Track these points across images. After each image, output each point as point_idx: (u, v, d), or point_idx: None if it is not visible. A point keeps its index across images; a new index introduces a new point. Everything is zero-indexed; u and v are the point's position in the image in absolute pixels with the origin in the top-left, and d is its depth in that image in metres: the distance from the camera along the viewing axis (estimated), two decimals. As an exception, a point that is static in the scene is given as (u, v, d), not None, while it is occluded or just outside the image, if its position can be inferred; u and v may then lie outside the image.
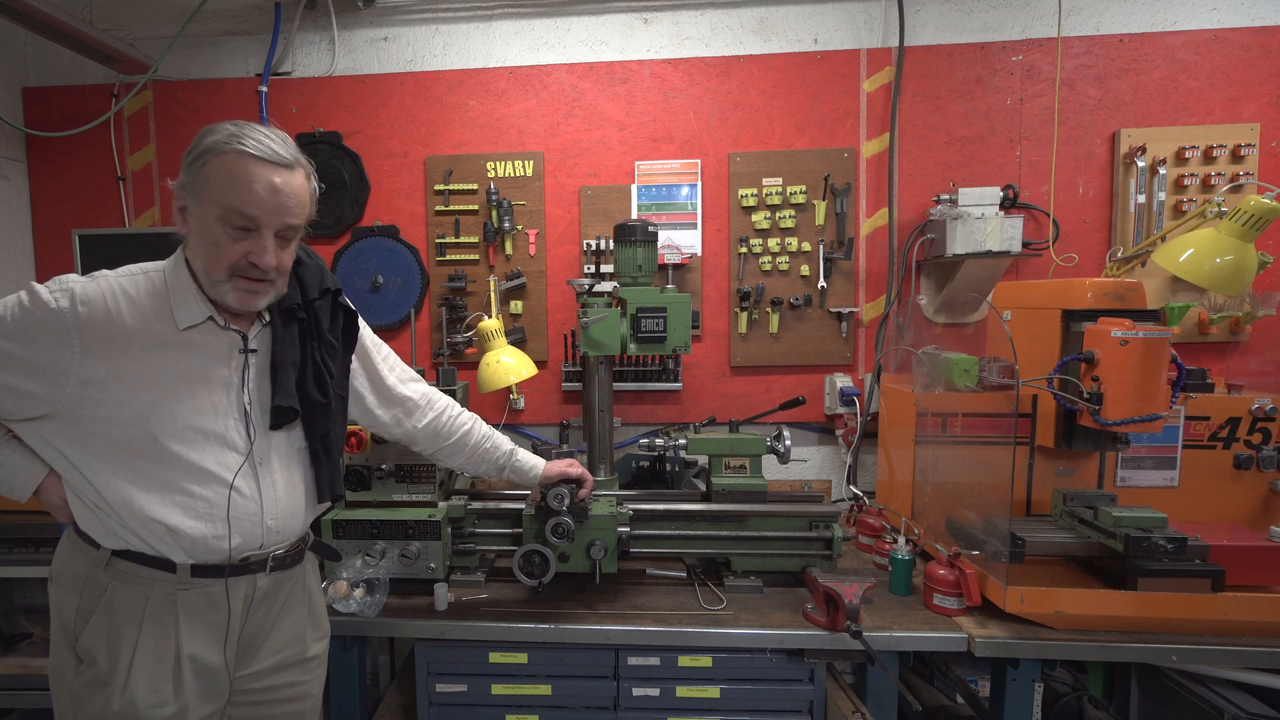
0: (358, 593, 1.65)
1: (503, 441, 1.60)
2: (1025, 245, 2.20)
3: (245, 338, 1.18)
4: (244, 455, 1.16)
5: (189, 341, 1.13)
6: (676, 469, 2.22)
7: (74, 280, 1.09)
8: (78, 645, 1.12)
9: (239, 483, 1.15)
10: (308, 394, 1.22)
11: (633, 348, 1.94)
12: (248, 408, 1.17)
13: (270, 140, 1.09)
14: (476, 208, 2.46)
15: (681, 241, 2.42)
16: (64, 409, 1.08)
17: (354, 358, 1.36)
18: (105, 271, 1.14)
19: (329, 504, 1.37)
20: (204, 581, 1.14)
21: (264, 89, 2.49)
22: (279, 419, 1.19)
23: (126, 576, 1.12)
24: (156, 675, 1.10)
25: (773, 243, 2.39)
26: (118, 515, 1.10)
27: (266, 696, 1.24)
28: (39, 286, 1.07)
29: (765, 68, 2.39)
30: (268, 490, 1.18)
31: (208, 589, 1.14)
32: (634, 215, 2.42)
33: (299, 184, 1.12)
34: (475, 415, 1.59)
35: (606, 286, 1.95)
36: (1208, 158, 2.23)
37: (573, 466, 1.63)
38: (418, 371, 2.13)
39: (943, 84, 2.35)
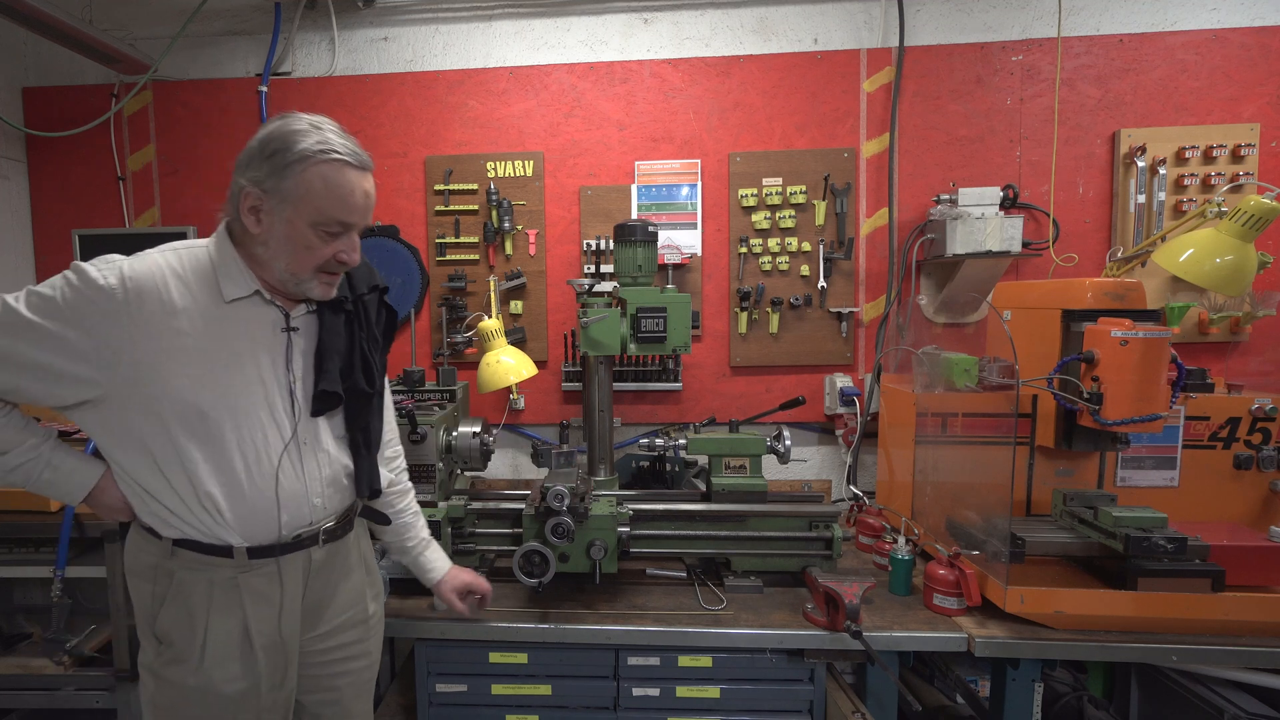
0: (358, 593, 1.65)
1: (424, 528, 1.55)
2: (1025, 245, 2.20)
3: (287, 315, 1.19)
4: (290, 433, 1.18)
5: (234, 315, 1.14)
6: (676, 469, 2.22)
7: (120, 258, 1.09)
8: (155, 628, 1.17)
9: (285, 461, 1.17)
10: (355, 383, 1.23)
11: (633, 348, 1.94)
12: (292, 386, 1.19)
13: (352, 142, 1.13)
14: (476, 208, 2.46)
15: (681, 241, 2.42)
16: (116, 391, 1.07)
17: None
18: (149, 250, 1.14)
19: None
20: (262, 562, 1.17)
21: (264, 89, 2.49)
22: (322, 404, 1.20)
23: (190, 564, 1.15)
24: (227, 653, 1.16)
25: (773, 243, 2.39)
26: (176, 493, 1.12)
27: (332, 655, 1.30)
28: (85, 265, 1.06)
29: (765, 68, 2.39)
30: (311, 470, 1.20)
31: (266, 569, 1.18)
32: (634, 215, 2.42)
33: (374, 186, 1.18)
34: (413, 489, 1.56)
35: (606, 286, 1.95)
36: (1208, 158, 2.23)
37: (476, 579, 1.54)
38: (418, 371, 2.13)
39: (943, 84, 2.35)
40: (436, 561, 1.54)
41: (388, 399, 1.46)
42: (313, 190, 1.08)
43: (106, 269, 1.06)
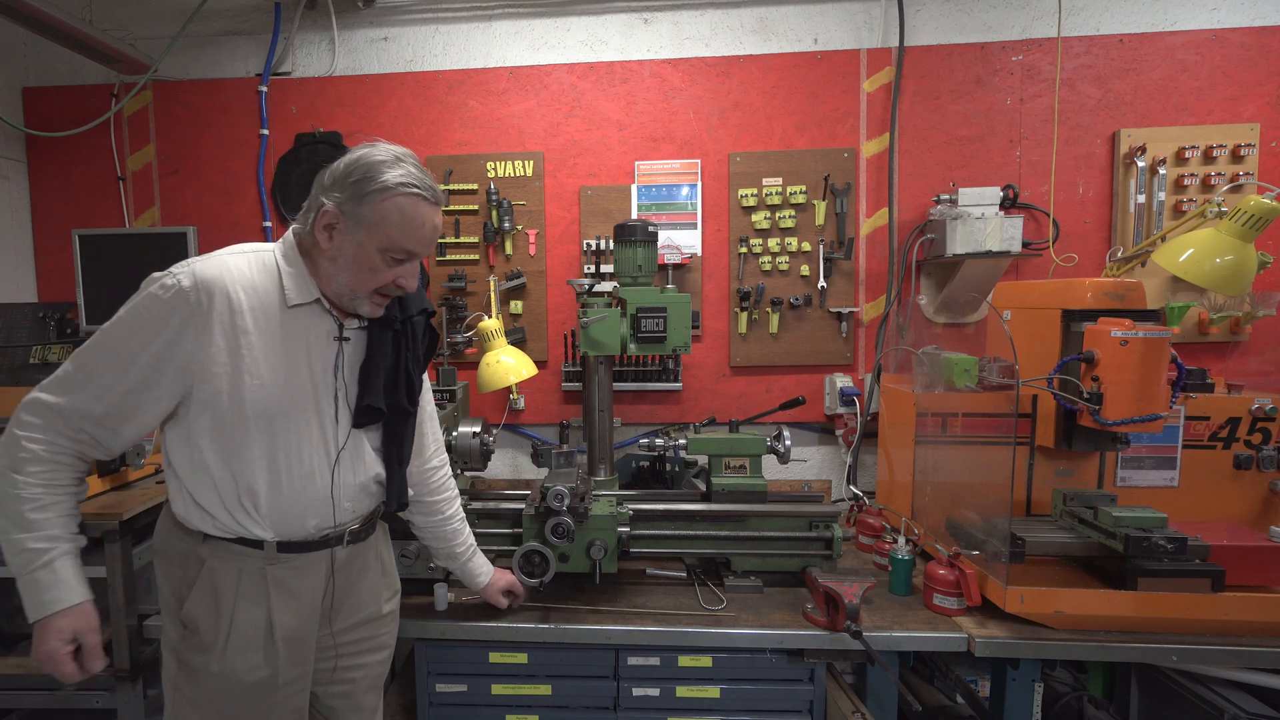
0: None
1: (470, 536, 1.62)
2: (1025, 245, 2.20)
3: (341, 326, 1.24)
4: (332, 438, 1.23)
5: (294, 319, 1.18)
6: (676, 469, 2.22)
7: (193, 260, 1.14)
8: (181, 613, 1.20)
9: (324, 464, 1.21)
10: (397, 400, 1.29)
11: (633, 348, 1.94)
12: (338, 394, 1.23)
13: (430, 179, 1.18)
14: (476, 208, 2.46)
15: (681, 241, 2.42)
16: (192, 389, 1.12)
17: None
18: (219, 251, 1.18)
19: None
20: (289, 557, 1.22)
21: (264, 89, 2.49)
22: (364, 418, 1.25)
23: (221, 553, 1.19)
24: (250, 643, 1.19)
25: (773, 243, 2.39)
26: (216, 491, 1.15)
27: (346, 650, 1.34)
28: (159, 274, 1.12)
29: (765, 68, 2.39)
30: (346, 476, 1.25)
31: (292, 563, 1.22)
32: (634, 215, 2.42)
33: (442, 219, 1.24)
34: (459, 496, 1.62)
35: (606, 286, 1.94)
36: (1208, 158, 2.23)
37: (515, 581, 1.64)
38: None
39: (943, 84, 2.35)
40: (483, 566, 1.63)
41: (432, 409, 1.52)
42: (388, 219, 1.13)
43: (181, 272, 1.11)
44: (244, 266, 1.16)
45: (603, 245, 2.38)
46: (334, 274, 1.18)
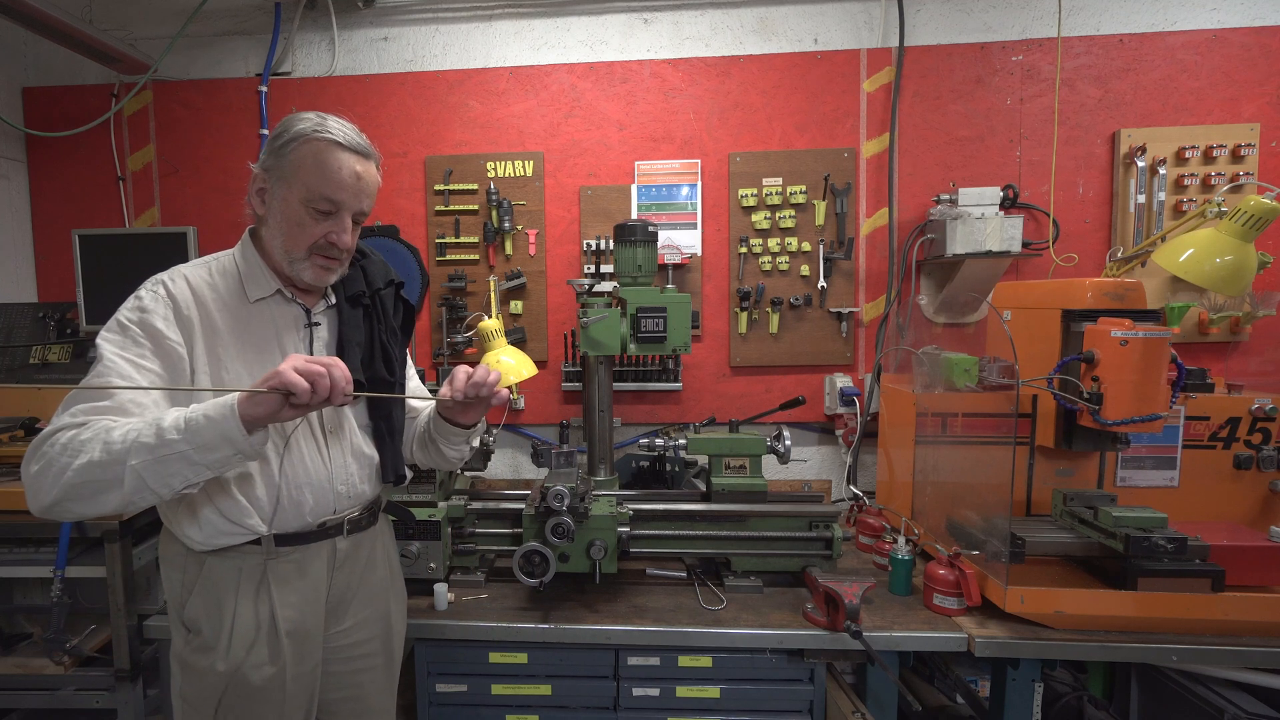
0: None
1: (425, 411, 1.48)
2: (1025, 245, 2.20)
3: (309, 311, 1.26)
4: (317, 421, 1.24)
5: (260, 313, 1.21)
6: (676, 469, 2.22)
7: (160, 275, 1.18)
8: (183, 616, 1.20)
9: (313, 448, 1.22)
10: (376, 372, 1.30)
11: (633, 348, 1.94)
12: None
13: (352, 130, 1.19)
14: (476, 208, 2.46)
15: (681, 241, 2.42)
16: (183, 394, 1.13)
17: None
18: (180, 266, 1.22)
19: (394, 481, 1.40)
20: (288, 550, 1.22)
21: (264, 89, 2.49)
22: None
23: (220, 552, 1.19)
24: (254, 639, 1.18)
25: (773, 243, 2.39)
26: (206, 494, 1.14)
27: (355, 652, 1.33)
28: (138, 291, 1.15)
29: (765, 68, 2.39)
30: (336, 458, 1.25)
31: (292, 556, 1.22)
32: (634, 215, 2.42)
33: (374, 173, 1.22)
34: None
35: (606, 286, 1.95)
36: (1208, 158, 2.23)
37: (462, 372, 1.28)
38: (418, 371, 2.14)
39: (943, 84, 2.35)
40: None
41: (417, 383, 1.52)
42: (304, 166, 1.14)
43: (153, 286, 1.15)
44: (204, 274, 1.20)
45: (603, 245, 2.38)
46: (271, 239, 1.19)
